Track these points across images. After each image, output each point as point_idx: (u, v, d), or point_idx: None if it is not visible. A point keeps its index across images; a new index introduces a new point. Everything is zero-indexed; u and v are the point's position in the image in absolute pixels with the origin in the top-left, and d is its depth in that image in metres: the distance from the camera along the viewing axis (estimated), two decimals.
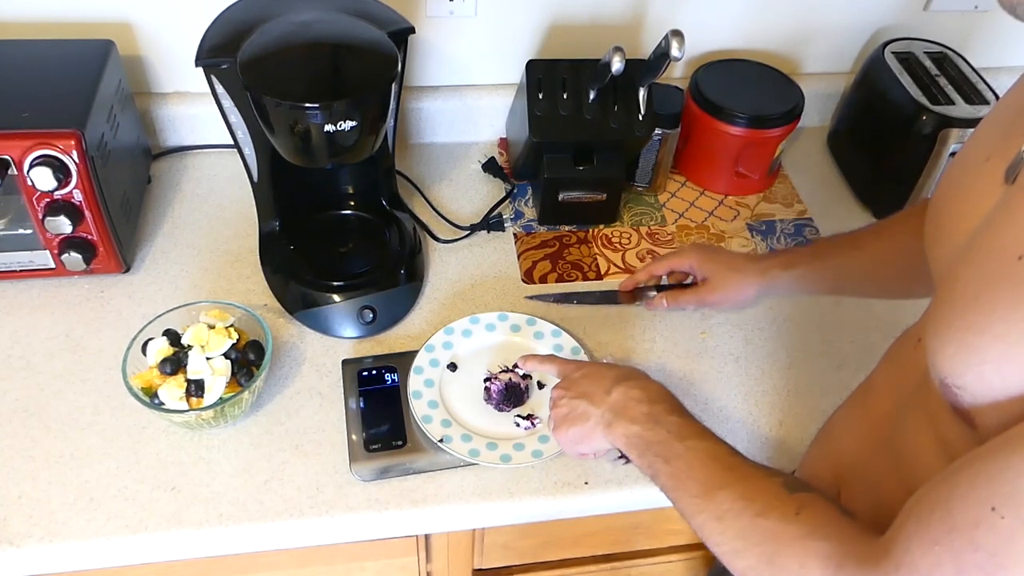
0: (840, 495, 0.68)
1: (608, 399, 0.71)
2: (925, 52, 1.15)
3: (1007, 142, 0.53)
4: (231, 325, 0.85)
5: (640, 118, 1.02)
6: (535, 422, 0.85)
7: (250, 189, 0.95)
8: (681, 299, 0.91)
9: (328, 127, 0.78)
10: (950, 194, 0.58)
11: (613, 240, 1.08)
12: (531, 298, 0.99)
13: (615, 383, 0.72)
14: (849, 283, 0.86)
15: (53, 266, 0.93)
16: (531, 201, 1.13)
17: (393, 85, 0.83)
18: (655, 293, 0.94)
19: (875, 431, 0.65)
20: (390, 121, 0.92)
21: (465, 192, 1.14)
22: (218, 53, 0.81)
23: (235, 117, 0.87)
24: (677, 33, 0.88)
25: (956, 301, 0.50)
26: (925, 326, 0.55)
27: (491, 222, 1.09)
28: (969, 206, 0.54)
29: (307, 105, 0.76)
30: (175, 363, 0.80)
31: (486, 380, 0.89)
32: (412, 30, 0.87)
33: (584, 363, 0.79)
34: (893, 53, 1.14)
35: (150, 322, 0.84)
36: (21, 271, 0.93)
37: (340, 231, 1.03)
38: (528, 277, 1.02)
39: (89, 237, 0.91)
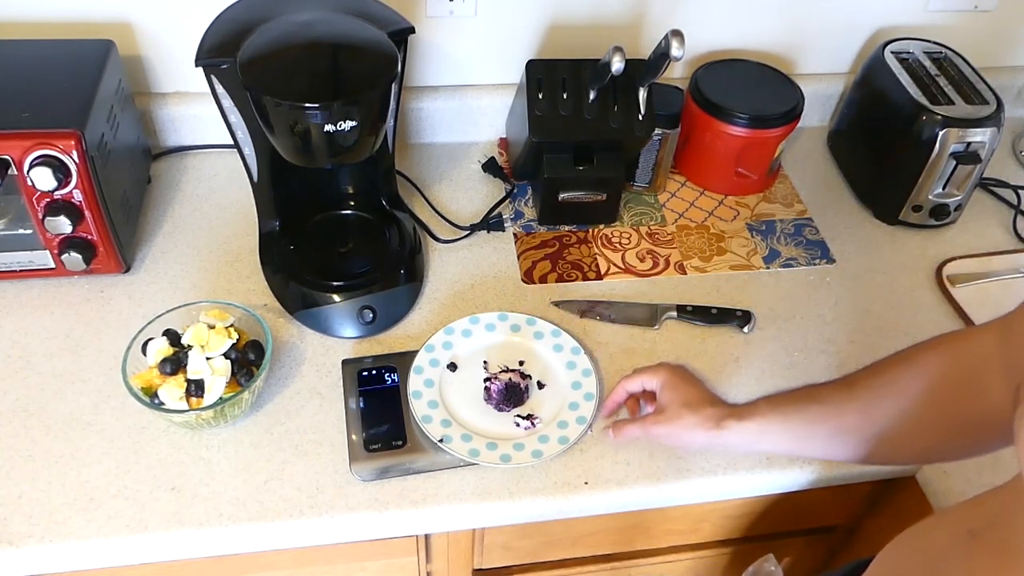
0: None
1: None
2: (925, 52, 1.15)
3: None
4: (231, 325, 0.85)
5: (640, 118, 1.02)
6: (535, 422, 0.85)
7: (250, 189, 0.95)
8: (626, 429, 0.82)
9: (328, 127, 0.78)
10: None
11: (613, 240, 1.08)
12: (557, 304, 0.99)
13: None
14: (815, 444, 0.76)
15: (53, 266, 0.93)
16: (531, 201, 1.13)
17: (393, 85, 0.83)
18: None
19: None
20: (390, 121, 0.92)
21: (465, 192, 1.14)
22: (218, 53, 0.81)
23: (235, 117, 0.87)
24: (677, 33, 0.88)
25: None
26: None
27: (491, 222, 1.09)
28: None
29: (307, 105, 0.76)
30: (175, 363, 0.80)
31: (486, 380, 0.89)
32: (412, 30, 0.87)
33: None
34: (893, 53, 1.14)
35: (150, 322, 0.84)
36: (21, 271, 0.93)
37: (340, 231, 1.03)
38: (528, 277, 1.02)
39: (89, 237, 0.91)
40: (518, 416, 0.86)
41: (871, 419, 0.70)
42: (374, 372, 0.89)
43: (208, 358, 0.81)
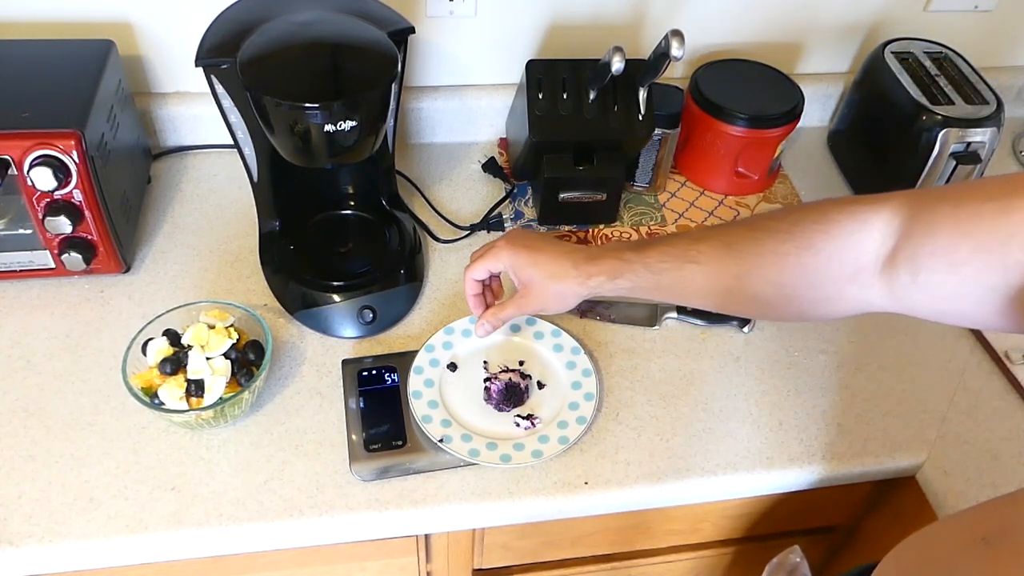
0: None
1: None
2: (925, 52, 1.15)
3: None
4: (231, 325, 0.85)
5: (640, 118, 1.02)
6: (535, 422, 0.85)
7: (250, 189, 0.95)
8: (502, 314, 0.84)
9: (328, 127, 0.78)
10: None
11: (613, 240, 1.08)
12: None
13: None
14: (683, 299, 0.77)
15: (53, 266, 0.93)
16: (531, 201, 1.13)
17: (393, 85, 0.83)
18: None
19: None
20: (390, 121, 0.92)
21: (465, 192, 1.14)
22: (218, 53, 0.81)
23: (235, 117, 0.87)
24: (677, 33, 0.88)
25: None
26: None
27: (491, 222, 1.09)
28: None
29: (307, 105, 0.76)
30: (175, 363, 0.80)
31: (486, 380, 0.89)
32: (412, 30, 0.87)
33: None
34: (893, 53, 1.14)
35: (150, 322, 0.84)
36: (21, 271, 0.93)
37: (340, 231, 1.03)
38: None
39: (89, 237, 0.91)
40: (518, 416, 0.86)
41: (745, 284, 0.70)
42: (374, 372, 0.89)
43: (208, 358, 0.81)
